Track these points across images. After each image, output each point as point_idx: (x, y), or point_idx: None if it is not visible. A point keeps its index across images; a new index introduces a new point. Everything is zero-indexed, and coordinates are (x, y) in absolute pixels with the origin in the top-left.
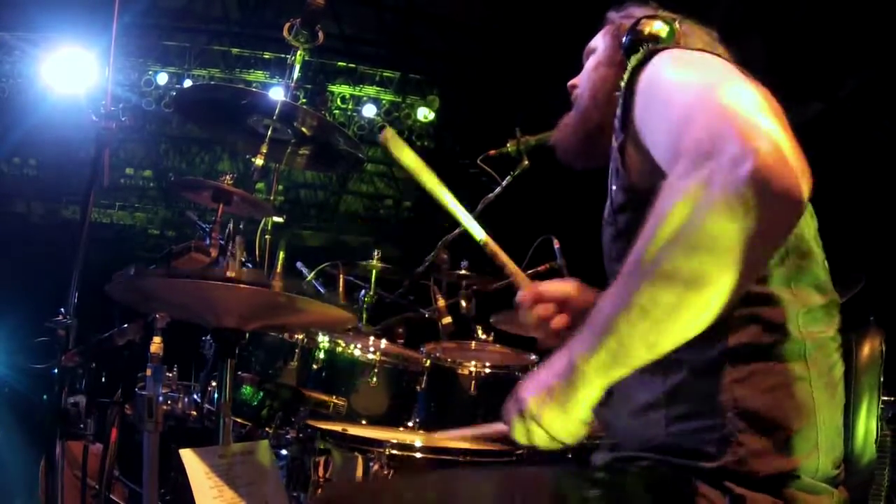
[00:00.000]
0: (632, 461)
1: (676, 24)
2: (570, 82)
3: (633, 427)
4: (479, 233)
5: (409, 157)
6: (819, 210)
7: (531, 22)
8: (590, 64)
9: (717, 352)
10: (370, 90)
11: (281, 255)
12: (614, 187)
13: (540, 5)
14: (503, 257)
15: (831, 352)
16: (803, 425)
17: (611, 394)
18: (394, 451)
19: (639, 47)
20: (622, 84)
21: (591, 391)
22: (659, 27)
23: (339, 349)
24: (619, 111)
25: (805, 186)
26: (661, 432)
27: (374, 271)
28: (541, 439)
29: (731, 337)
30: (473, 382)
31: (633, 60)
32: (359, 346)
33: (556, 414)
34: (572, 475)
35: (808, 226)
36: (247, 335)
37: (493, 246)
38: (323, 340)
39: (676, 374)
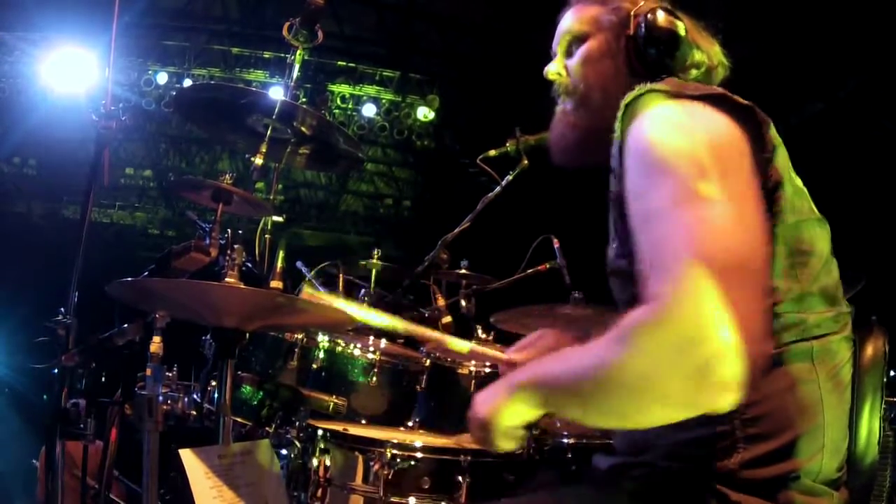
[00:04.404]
0: (632, 466)
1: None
2: (552, 70)
3: (634, 436)
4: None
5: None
6: (819, 210)
7: (531, 22)
8: (586, 55)
9: None
10: (370, 90)
11: (281, 254)
12: (617, 223)
13: (540, 5)
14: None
15: (840, 353)
16: (810, 427)
17: None
18: (394, 451)
19: (658, 43)
20: (617, 124)
21: (519, 410)
22: (677, 24)
23: (339, 349)
24: (615, 152)
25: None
26: (663, 441)
27: (374, 271)
28: (486, 440)
29: None
30: (473, 382)
31: (628, 97)
32: (359, 345)
33: (493, 414)
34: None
35: (818, 237)
36: (247, 335)
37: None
38: (323, 340)
39: None
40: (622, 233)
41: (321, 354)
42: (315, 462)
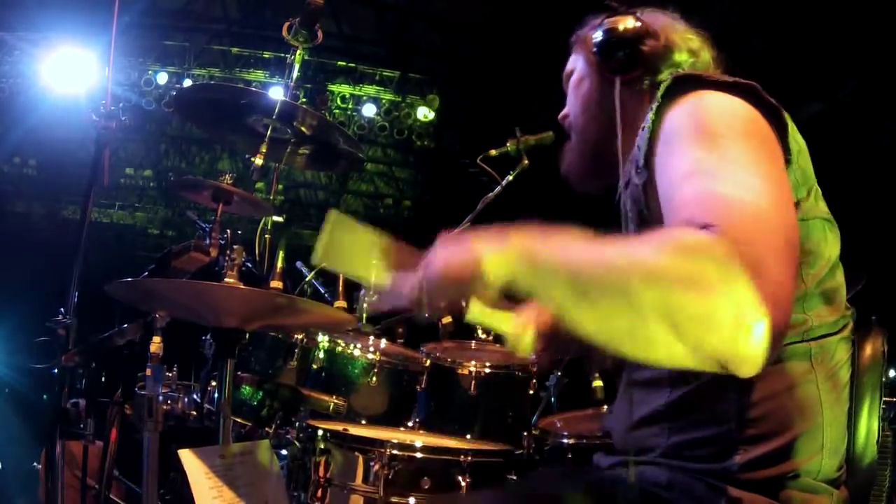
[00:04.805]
0: (631, 465)
1: (638, 16)
2: (561, 115)
3: (634, 436)
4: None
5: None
6: None
7: (531, 22)
8: (572, 85)
9: None
10: (370, 90)
11: (281, 254)
12: (633, 226)
13: (540, 5)
14: None
15: (838, 354)
16: (809, 427)
17: (613, 402)
18: (394, 451)
19: (614, 46)
20: (650, 115)
21: (495, 276)
22: (628, 23)
23: (339, 349)
24: (643, 143)
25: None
26: (662, 442)
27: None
28: (435, 291)
29: None
30: (473, 382)
31: (662, 88)
32: (359, 345)
33: (465, 265)
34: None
35: (827, 240)
36: (247, 335)
37: None
38: (323, 340)
39: (681, 387)
40: (640, 221)
41: (321, 354)
42: (315, 462)
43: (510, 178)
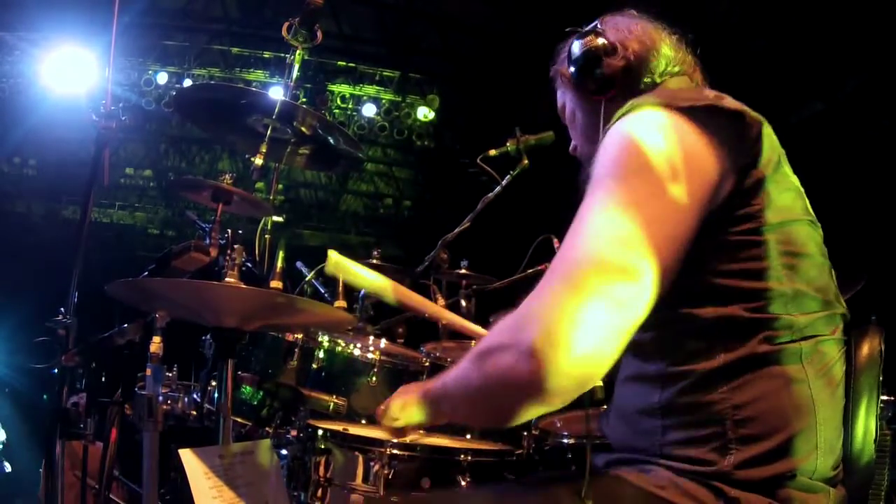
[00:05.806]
0: (627, 464)
1: (600, 31)
2: (570, 149)
3: (628, 435)
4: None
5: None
6: (819, 209)
7: (531, 22)
8: (568, 120)
9: (714, 364)
10: (370, 89)
11: (281, 254)
12: None
13: (540, 5)
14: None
15: (831, 352)
16: (802, 427)
17: (609, 402)
18: (394, 451)
19: (586, 69)
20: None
21: (418, 415)
22: (593, 42)
23: (339, 349)
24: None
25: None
26: (657, 441)
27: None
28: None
29: (728, 350)
30: None
31: (619, 113)
32: (359, 345)
33: (399, 413)
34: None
35: (810, 239)
36: (247, 335)
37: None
38: (323, 340)
39: (673, 385)
40: None
41: (321, 354)
42: (315, 462)
43: (510, 178)
